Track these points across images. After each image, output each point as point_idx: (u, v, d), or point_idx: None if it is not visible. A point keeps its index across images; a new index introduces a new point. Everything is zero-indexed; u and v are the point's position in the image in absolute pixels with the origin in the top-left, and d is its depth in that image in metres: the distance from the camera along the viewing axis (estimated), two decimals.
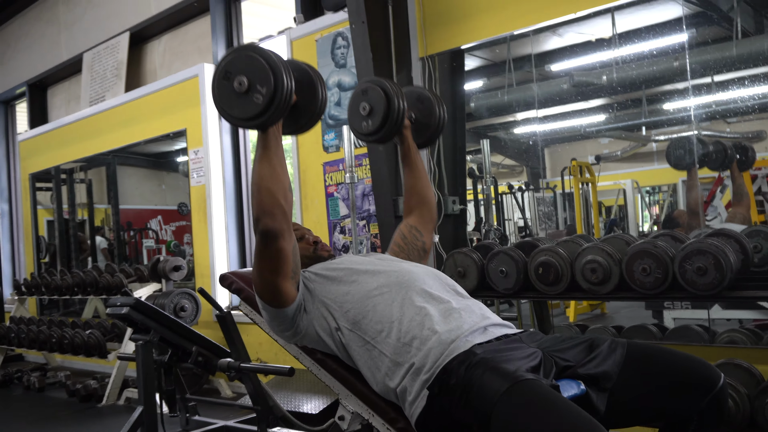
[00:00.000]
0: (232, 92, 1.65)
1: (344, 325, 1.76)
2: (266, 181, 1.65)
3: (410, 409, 1.60)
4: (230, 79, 1.64)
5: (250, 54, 1.63)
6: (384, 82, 2.12)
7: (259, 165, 1.67)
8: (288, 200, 1.68)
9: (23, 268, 7.63)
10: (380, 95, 2.10)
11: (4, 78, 7.78)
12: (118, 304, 3.37)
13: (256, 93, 1.61)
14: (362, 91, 2.15)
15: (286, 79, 1.62)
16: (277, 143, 1.69)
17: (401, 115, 2.12)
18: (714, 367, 1.60)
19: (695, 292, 2.32)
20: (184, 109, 5.14)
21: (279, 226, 1.65)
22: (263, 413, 3.39)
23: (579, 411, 1.33)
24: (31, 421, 4.39)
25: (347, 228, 4.14)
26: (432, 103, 2.28)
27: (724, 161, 3.78)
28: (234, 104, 1.65)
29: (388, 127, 2.12)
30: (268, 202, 1.65)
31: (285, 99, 1.63)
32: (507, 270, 2.81)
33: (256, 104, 1.62)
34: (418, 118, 2.28)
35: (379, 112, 2.10)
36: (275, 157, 1.67)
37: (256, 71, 1.62)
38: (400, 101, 2.11)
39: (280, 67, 1.62)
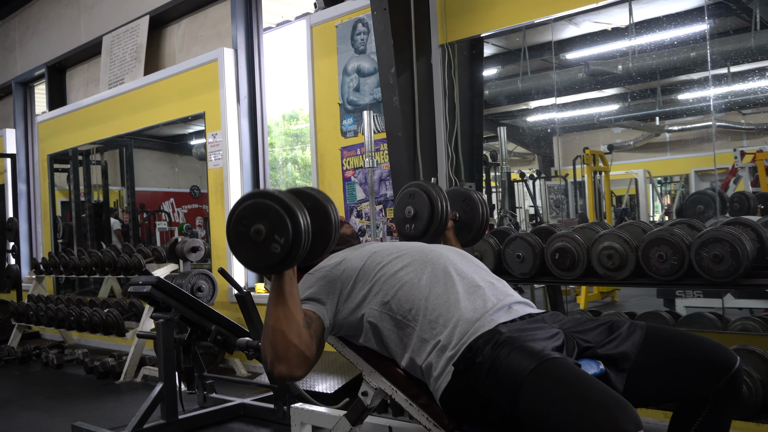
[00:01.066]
0: (248, 240, 1.57)
1: (373, 308, 1.79)
2: (281, 324, 1.61)
3: (435, 384, 1.66)
4: (246, 226, 1.56)
5: (264, 202, 1.55)
6: (428, 186, 2.23)
7: (274, 308, 1.63)
8: (302, 337, 1.64)
9: (40, 248, 7.74)
10: (425, 201, 2.22)
11: (24, 60, 7.85)
12: (140, 283, 3.46)
13: (273, 243, 1.54)
14: (408, 195, 2.26)
15: (303, 223, 1.55)
16: (292, 283, 1.64)
17: (444, 219, 2.24)
18: (730, 350, 1.65)
19: (711, 279, 2.35)
20: (203, 93, 5.20)
21: (292, 372, 1.64)
22: (280, 391, 3.47)
23: (605, 387, 1.38)
24: (51, 396, 4.48)
25: (364, 212, 4.19)
26: (476, 205, 2.38)
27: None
28: (250, 252, 1.58)
29: (432, 231, 2.23)
30: (282, 347, 1.61)
31: (304, 244, 1.56)
32: (524, 255, 2.86)
33: (274, 254, 1.54)
34: (462, 218, 2.39)
35: (423, 217, 2.23)
36: (290, 298, 1.63)
37: (272, 221, 1.54)
38: (444, 204, 2.23)
39: (296, 213, 1.54)
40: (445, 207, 2.21)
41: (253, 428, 3.50)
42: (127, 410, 3.86)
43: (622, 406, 1.31)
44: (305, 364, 1.65)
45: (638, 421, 1.29)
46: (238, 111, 5.08)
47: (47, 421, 3.85)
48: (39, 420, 3.89)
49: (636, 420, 1.29)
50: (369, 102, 4.15)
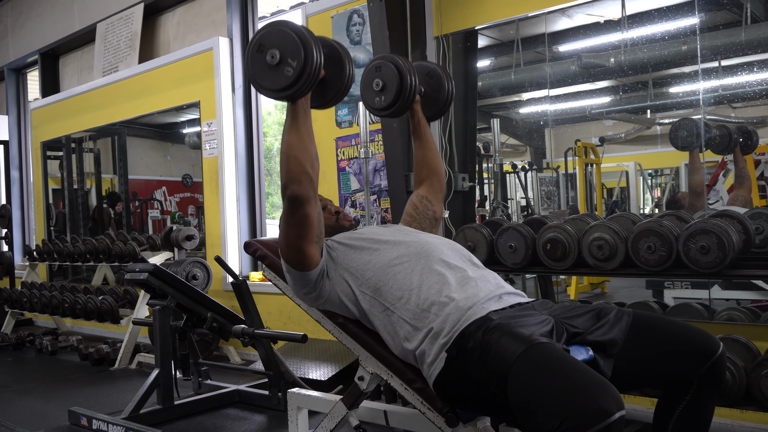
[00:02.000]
0: (264, 64, 1.72)
1: (365, 291, 1.86)
2: (294, 150, 1.73)
3: (429, 370, 1.71)
4: (263, 51, 1.72)
5: (283, 29, 1.71)
6: (396, 58, 2.19)
7: (288, 134, 1.75)
8: (315, 168, 1.76)
9: (33, 235, 7.74)
10: (393, 71, 2.17)
11: (16, 46, 7.82)
12: (137, 270, 3.50)
13: (287, 66, 1.69)
14: (375, 67, 2.22)
15: (316, 53, 1.70)
16: (306, 114, 1.77)
17: (413, 90, 2.19)
18: (713, 336, 1.71)
19: (698, 270, 2.41)
20: (198, 82, 5.21)
21: (305, 192, 1.74)
22: (275, 378, 3.52)
23: (589, 369, 1.44)
24: (46, 381, 4.52)
25: (358, 202, 4.23)
26: (441, 78, 2.34)
27: (728, 145, 3.85)
28: (266, 76, 1.73)
29: (401, 102, 2.19)
30: (296, 170, 1.73)
31: (314, 72, 1.71)
32: (516, 245, 2.91)
33: (287, 76, 1.70)
34: (428, 93, 2.34)
35: (392, 88, 2.18)
36: (303, 127, 1.75)
37: (287, 45, 1.69)
38: (412, 77, 2.18)
39: (310, 42, 1.69)
40: (413, 79, 2.18)
41: (248, 414, 3.55)
42: (123, 396, 3.90)
43: (605, 388, 1.37)
44: (314, 189, 1.78)
45: (620, 402, 1.35)
46: (233, 100, 5.10)
47: (43, 406, 3.89)
48: (34, 405, 3.93)
49: (618, 401, 1.34)
50: None
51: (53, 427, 3.42)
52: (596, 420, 1.32)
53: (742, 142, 3.86)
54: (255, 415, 3.54)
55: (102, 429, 3.25)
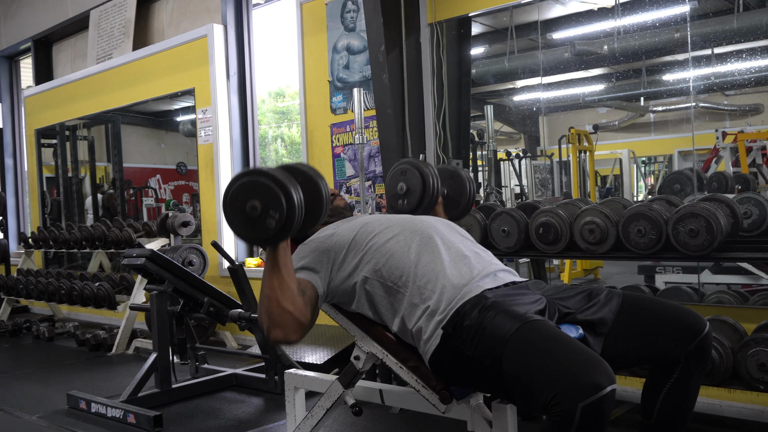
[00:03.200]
0: (243, 216, 1.67)
1: (365, 275, 1.88)
2: (275, 292, 1.71)
3: (425, 347, 1.75)
4: (243, 203, 1.66)
5: (259, 180, 1.65)
6: (421, 164, 2.29)
7: (269, 278, 1.72)
8: (296, 304, 1.74)
9: (28, 223, 7.74)
10: (417, 177, 2.28)
11: (9, 33, 7.79)
12: (134, 255, 3.52)
13: (269, 218, 1.64)
14: (401, 172, 2.32)
15: (296, 198, 1.64)
16: (286, 253, 1.73)
17: (435, 195, 2.31)
18: (700, 316, 1.76)
19: (687, 253, 2.46)
20: (193, 69, 5.22)
21: (288, 336, 1.74)
22: (271, 362, 3.56)
23: (582, 346, 1.49)
24: (44, 367, 4.56)
25: (353, 188, 4.27)
26: (464, 182, 2.46)
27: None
28: (246, 227, 1.68)
29: (423, 206, 2.30)
30: (277, 314, 1.71)
31: (298, 218, 1.66)
32: (509, 229, 2.95)
33: (269, 228, 1.65)
34: (450, 195, 2.46)
35: (415, 193, 2.29)
36: (284, 268, 1.72)
37: (267, 197, 1.63)
38: (435, 182, 2.29)
39: (289, 189, 1.64)
40: (436, 184, 2.29)
41: (245, 397, 3.60)
42: (120, 380, 3.94)
43: (597, 363, 1.42)
44: (300, 329, 1.75)
45: (612, 376, 1.39)
46: (227, 87, 5.12)
47: (41, 390, 3.93)
48: (33, 389, 3.96)
49: (609, 375, 1.39)
50: (358, 79, 4.21)
51: (52, 411, 3.46)
52: (588, 393, 1.36)
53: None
54: (252, 398, 3.58)
55: (101, 412, 3.29)
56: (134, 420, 3.13)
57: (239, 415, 3.29)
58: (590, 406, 1.36)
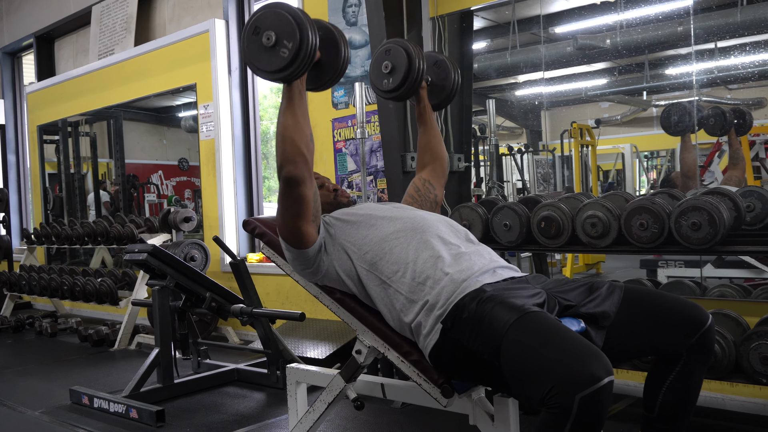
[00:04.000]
0: (260, 46, 1.74)
1: (362, 266, 1.90)
2: (290, 131, 1.76)
3: (424, 341, 1.75)
4: (259, 33, 1.74)
5: (279, 11, 1.73)
6: (406, 43, 2.25)
7: (283, 116, 1.77)
8: (310, 149, 1.79)
9: (30, 219, 7.75)
10: (402, 55, 2.24)
11: (11, 29, 7.79)
12: (136, 251, 3.53)
13: (282, 47, 1.71)
14: (386, 51, 2.28)
15: (311, 35, 1.72)
16: (301, 96, 1.79)
17: (420, 75, 2.26)
18: (703, 309, 1.75)
19: (689, 246, 2.45)
20: (194, 64, 5.22)
21: (300, 173, 1.77)
22: (273, 356, 3.57)
23: (580, 337, 1.48)
24: (46, 363, 4.56)
25: (354, 183, 4.26)
26: (448, 68, 2.42)
27: (723, 127, 3.87)
28: (262, 57, 1.75)
29: (408, 85, 2.26)
30: (291, 151, 1.76)
31: (309, 54, 1.72)
32: (510, 224, 2.95)
33: (282, 58, 1.72)
34: (434, 81, 2.42)
35: (400, 70, 2.25)
36: (299, 109, 1.78)
37: (283, 27, 1.71)
38: (421, 62, 2.25)
39: (306, 24, 1.71)
40: (421, 64, 2.25)
41: (247, 392, 3.60)
42: (123, 376, 3.95)
43: (595, 354, 1.41)
44: (309, 168, 1.81)
45: (609, 367, 1.39)
46: (229, 82, 5.11)
47: (44, 386, 3.94)
48: (36, 385, 3.97)
49: (607, 366, 1.38)
50: (360, 74, 4.20)
51: (55, 406, 3.47)
52: (586, 385, 1.36)
53: (736, 124, 3.88)
54: (254, 392, 3.59)
55: (103, 407, 3.30)
56: (137, 415, 3.13)
57: (241, 410, 3.29)
58: (588, 398, 1.35)
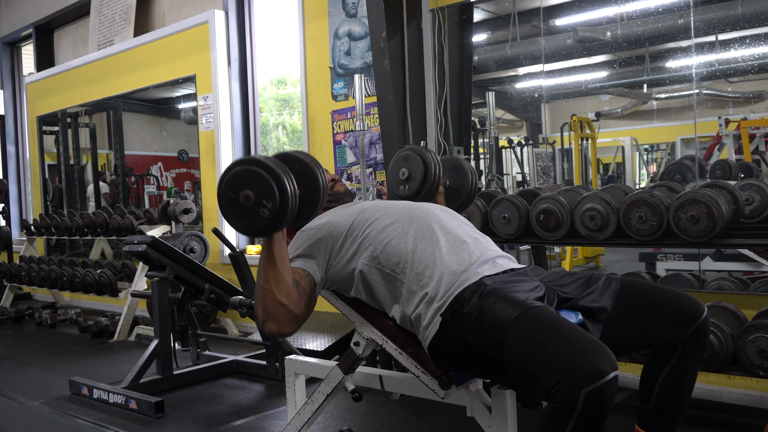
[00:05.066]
0: (237, 206, 1.65)
1: (363, 262, 1.88)
2: (270, 285, 1.70)
3: (424, 333, 1.76)
4: (235, 192, 1.65)
5: (252, 169, 1.63)
6: (425, 152, 2.30)
7: (264, 269, 1.71)
8: (291, 297, 1.72)
9: (30, 210, 7.76)
10: (419, 163, 2.28)
11: (10, 19, 7.76)
12: (135, 242, 3.53)
13: (262, 208, 1.62)
14: (404, 158, 2.33)
15: (290, 188, 1.63)
16: (282, 245, 1.72)
17: (436, 182, 2.31)
18: (698, 301, 1.76)
19: (687, 239, 2.45)
20: (194, 55, 5.21)
21: (282, 329, 1.73)
22: (272, 348, 3.57)
23: (584, 332, 1.48)
24: (46, 353, 4.57)
25: (354, 175, 4.26)
26: (466, 174, 2.46)
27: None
28: (240, 217, 1.67)
29: (424, 193, 2.30)
30: (272, 306, 1.70)
31: (291, 208, 1.64)
32: (509, 216, 2.95)
33: (263, 218, 1.63)
34: (452, 186, 2.46)
35: (416, 178, 2.29)
36: (279, 260, 1.71)
37: (260, 187, 1.62)
38: (437, 170, 2.29)
39: (282, 179, 1.61)
40: (438, 171, 2.30)
41: (246, 384, 3.61)
42: (122, 367, 3.96)
43: (600, 349, 1.42)
44: (294, 322, 1.74)
45: (614, 362, 1.39)
46: (229, 74, 5.10)
47: (44, 376, 3.95)
48: (36, 376, 3.98)
49: (612, 361, 1.39)
50: (360, 66, 4.19)
51: (54, 397, 3.48)
52: (592, 380, 1.36)
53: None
54: (253, 384, 3.60)
55: (103, 398, 3.31)
56: (136, 406, 3.14)
57: (240, 402, 3.30)
58: (594, 393, 1.36)
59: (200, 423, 3.00)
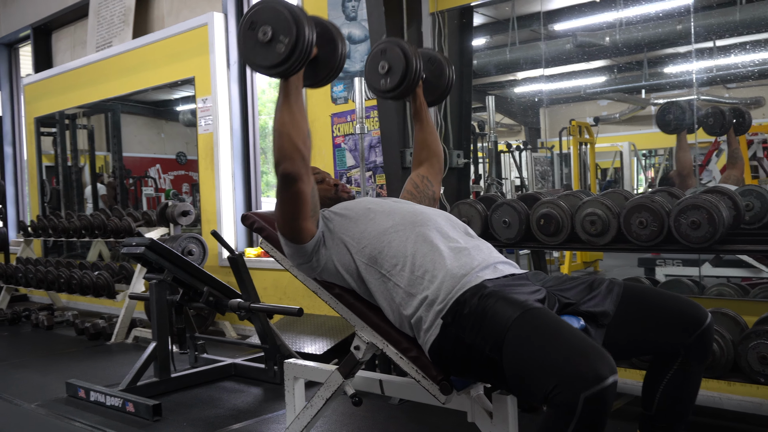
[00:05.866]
0: (256, 41, 1.73)
1: (361, 260, 1.89)
2: (287, 127, 1.75)
3: (424, 337, 1.75)
4: (255, 29, 1.73)
5: (275, 6, 1.72)
6: (402, 42, 2.25)
7: (280, 112, 1.77)
8: (307, 145, 1.77)
9: (27, 211, 7.73)
10: (399, 55, 2.23)
11: (8, 21, 7.75)
12: (133, 244, 3.51)
13: (278, 42, 1.70)
14: (381, 51, 2.27)
15: (308, 31, 1.71)
16: (298, 92, 1.78)
17: (418, 74, 2.26)
18: (701, 307, 1.75)
19: (688, 245, 2.45)
20: (193, 58, 5.20)
21: (297, 169, 1.76)
22: (271, 351, 3.56)
23: (584, 335, 1.47)
24: (42, 356, 4.55)
25: (353, 178, 4.25)
26: (443, 65, 2.40)
27: (722, 126, 3.87)
28: (258, 53, 1.74)
29: (405, 85, 2.26)
30: (288, 147, 1.74)
31: (306, 49, 1.72)
32: (510, 221, 2.94)
33: (278, 53, 1.71)
34: (429, 78, 2.40)
35: (397, 71, 2.24)
36: (295, 104, 1.77)
37: (279, 22, 1.70)
38: (417, 61, 2.25)
39: (302, 20, 1.70)
40: (418, 63, 2.25)
41: (244, 387, 3.60)
42: (119, 369, 3.94)
43: (600, 353, 1.41)
44: (306, 167, 1.79)
45: (613, 367, 1.38)
46: (228, 76, 5.09)
47: (40, 379, 3.93)
48: (32, 378, 3.96)
49: (611, 366, 1.38)
50: (360, 69, 4.18)
51: (51, 399, 3.46)
52: (590, 384, 1.35)
53: (735, 123, 3.88)
54: (251, 387, 3.58)
55: (100, 401, 3.29)
56: (133, 409, 3.13)
57: (238, 405, 3.29)
58: (593, 397, 1.35)
59: (198, 426, 2.99)
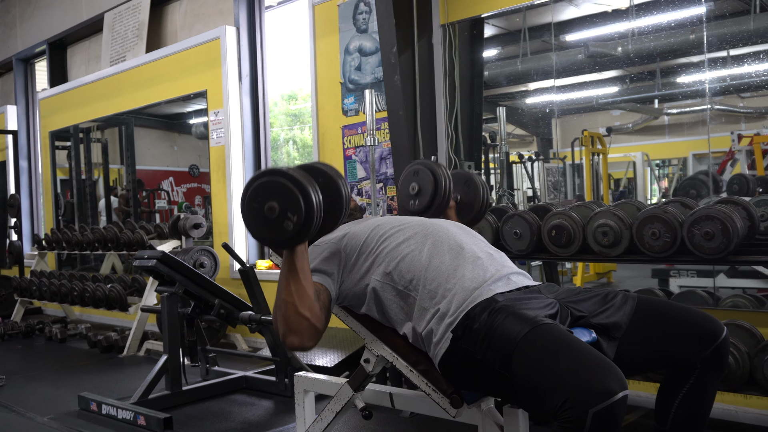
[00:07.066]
0: (261, 217, 1.64)
1: (376, 279, 1.86)
2: (293, 298, 1.68)
3: (435, 350, 1.73)
4: (260, 203, 1.63)
5: (278, 180, 1.62)
6: (434, 165, 2.30)
7: (286, 280, 1.69)
8: (314, 310, 1.71)
9: (41, 224, 7.79)
10: (429, 178, 2.28)
11: (24, 36, 7.85)
12: (145, 257, 3.52)
13: (286, 220, 1.61)
14: (414, 172, 2.33)
15: (316, 200, 1.61)
16: (304, 257, 1.71)
17: (446, 197, 2.30)
18: (717, 320, 1.72)
19: (702, 256, 2.42)
20: (205, 71, 5.23)
21: (303, 343, 1.71)
22: (281, 364, 3.55)
23: (594, 350, 1.46)
24: (55, 368, 4.57)
25: (364, 190, 4.25)
26: (477, 188, 2.46)
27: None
28: (264, 228, 1.65)
29: (434, 207, 2.30)
30: (294, 319, 1.68)
31: (316, 223, 1.63)
32: (521, 232, 2.93)
33: (287, 231, 1.62)
34: (463, 200, 2.46)
35: (426, 193, 2.30)
36: (301, 273, 1.69)
37: (286, 199, 1.60)
38: (447, 184, 2.29)
39: (309, 192, 1.60)
40: (448, 185, 2.29)
41: (255, 400, 3.59)
42: (131, 382, 3.94)
43: (609, 368, 1.39)
44: (316, 336, 1.72)
45: (624, 382, 1.36)
46: (240, 89, 5.12)
47: (53, 392, 3.94)
48: (45, 391, 3.97)
49: (621, 381, 1.36)
50: (370, 81, 4.19)
51: (63, 412, 3.47)
52: (600, 399, 1.33)
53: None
54: (262, 400, 3.57)
55: (111, 414, 3.29)
56: (144, 422, 3.12)
57: (249, 418, 3.27)
58: (602, 412, 1.33)
59: None
